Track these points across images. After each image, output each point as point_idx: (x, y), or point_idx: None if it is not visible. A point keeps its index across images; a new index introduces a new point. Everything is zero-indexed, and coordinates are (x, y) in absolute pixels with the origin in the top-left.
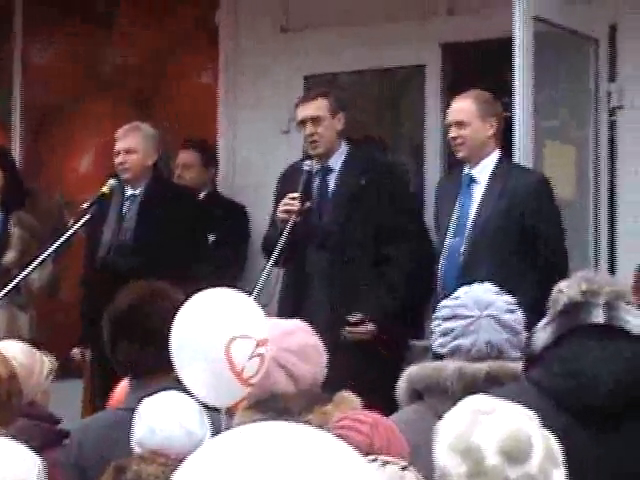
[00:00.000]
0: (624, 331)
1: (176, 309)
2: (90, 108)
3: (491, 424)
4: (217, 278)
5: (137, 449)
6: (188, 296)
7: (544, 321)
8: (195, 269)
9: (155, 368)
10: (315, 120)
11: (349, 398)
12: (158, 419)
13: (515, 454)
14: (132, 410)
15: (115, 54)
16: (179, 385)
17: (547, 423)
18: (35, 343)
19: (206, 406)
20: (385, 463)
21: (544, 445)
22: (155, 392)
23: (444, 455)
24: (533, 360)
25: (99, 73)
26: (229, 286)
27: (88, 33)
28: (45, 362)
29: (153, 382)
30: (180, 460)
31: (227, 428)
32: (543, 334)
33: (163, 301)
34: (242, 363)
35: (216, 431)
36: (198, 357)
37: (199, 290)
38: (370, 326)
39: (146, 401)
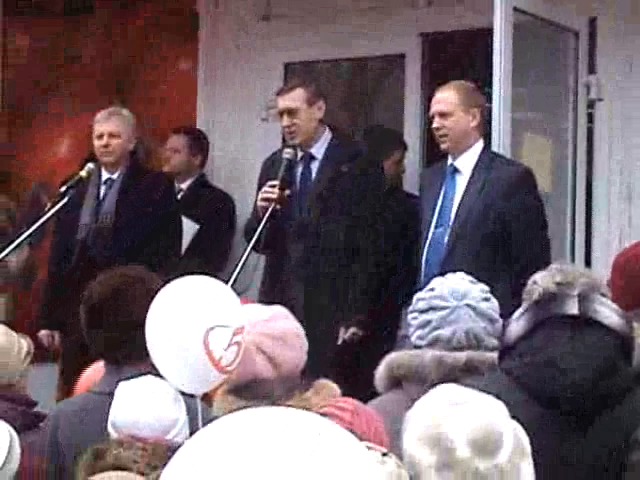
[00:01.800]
0: (597, 322)
1: (153, 296)
2: (67, 93)
3: (461, 415)
4: (200, 267)
5: (113, 433)
6: (166, 283)
7: (518, 312)
8: (174, 260)
9: (131, 354)
10: (292, 111)
11: (329, 385)
12: (131, 402)
13: (485, 446)
14: (106, 394)
15: (93, 40)
16: (155, 371)
17: (518, 413)
18: (12, 326)
19: (182, 391)
20: (367, 449)
21: (514, 437)
22: (130, 377)
23: (413, 445)
24: (507, 350)
25: (76, 59)
26: (213, 274)
27: (66, 20)
28: (23, 344)
29: (128, 367)
30: (157, 444)
31: (204, 413)
32: (517, 325)
33: (140, 288)
34: (220, 352)
35: (192, 416)
36: (175, 347)
37: (177, 277)
38: (353, 330)
39: (121, 385)
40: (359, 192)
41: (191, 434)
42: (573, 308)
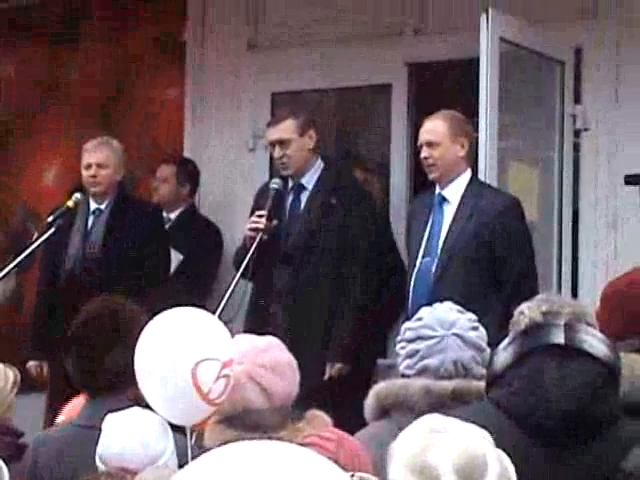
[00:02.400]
0: (583, 352)
1: (135, 326)
2: (53, 122)
3: (446, 443)
4: (185, 295)
5: (101, 466)
6: (154, 312)
7: (505, 342)
8: (161, 289)
9: (112, 385)
10: (283, 143)
11: (320, 415)
12: (115, 434)
13: (470, 473)
14: (87, 427)
15: (79, 70)
16: (135, 403)
17: (504, 442)
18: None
19: (170, 423)
20: (361, 479)
21: (498, 464)
22: (112, 409)
23: (399, 474)
24: (494, 380)
25: (62, 88)
26: (197, 304)
27: (51, 49)
28: (9, 375)
29: (109, 399)
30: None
31: (195, 445)
32: (504, 354)
33: (122, 318)
34: (209, 385)
35: (180, 448)
36: (163, 380)
37: (163, 306)
38: (338, 366)
39: (109, 417)
40: (348, 225)
41: (181, 466)
42: (560, 337)
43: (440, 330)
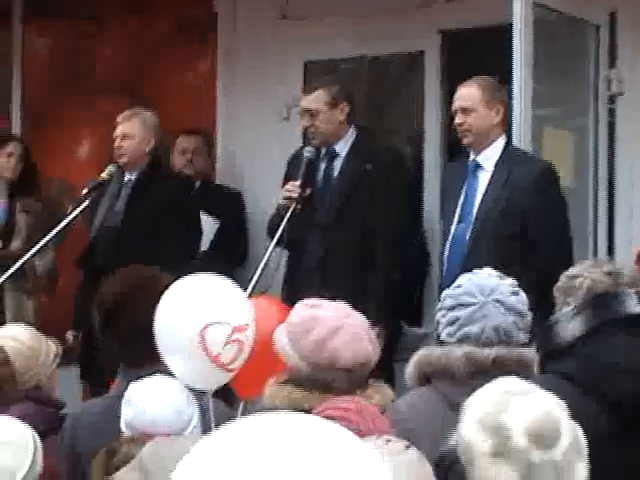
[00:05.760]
0: None
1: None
2: (88, 97)
3: (522, 406)
4: (221, 264)
5: (127, 431)
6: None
7: (569, 310)
8: (189, 261)
9: (144, 356)
10: (312, 112)
11: (383, 385)
12: (146, 401)
13: (542, 438)
14: (122, 397)
15: (112, 42)
16: (167, 371)
17: (578, 417)
18: (41, 328)
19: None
20: (388, 441)
21: (572, 435)
22: (143, 378)
23: (470, 430)
24: (560, 351)
25: (96, 61)
26: (233, 273)
27: (84, 23)
28: (51, 346)
29: (142, 369)
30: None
31: (216, 409)
32: (571, 325)
33: (152, 290)
34: (217, 349)
35: (203, 412)
36: (175, 344)
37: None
38: (378, 330)
39: (133, 385)
40: (382, 190)
41: (204, 431)
42: (636, 307)
43: (480, 297)
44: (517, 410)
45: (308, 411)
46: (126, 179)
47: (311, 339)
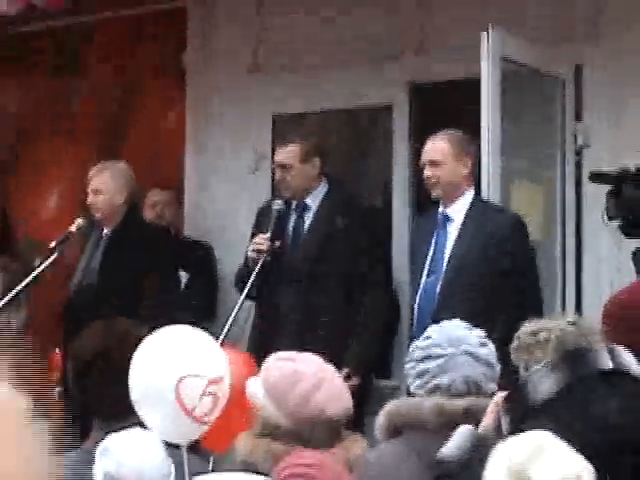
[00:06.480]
0: (627, 374)
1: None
2: (54, 149)
3: (551, 460)
4: (192, 320)
5: None
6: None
7: (540, 368)
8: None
9: (120, 409)
10: (284, 167)
11: (358, 436)
12: (129, 453)
13: None
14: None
15: (80, 96)
16: (141, 424)
17: None
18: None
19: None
20: None
21: None
22: (119, 430)
23: (497, 477)
24: (530, 412)
25: (64, 115)
26: (203, 325)
27: (53, 76)
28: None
29: (118, 422)
30: None
31: (195, 463)
32: (546, 383)
33: (127, 341)
34: (193, 402)
35: (176, 465)
36: (150, 396)
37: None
38: (355, 380)
39: (113, 436)
40: (355, 245)
41: None
42: (608, 362)
43: (449, 348)
44: (546, 465)
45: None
46: (104, 233)
47: (296, 393)
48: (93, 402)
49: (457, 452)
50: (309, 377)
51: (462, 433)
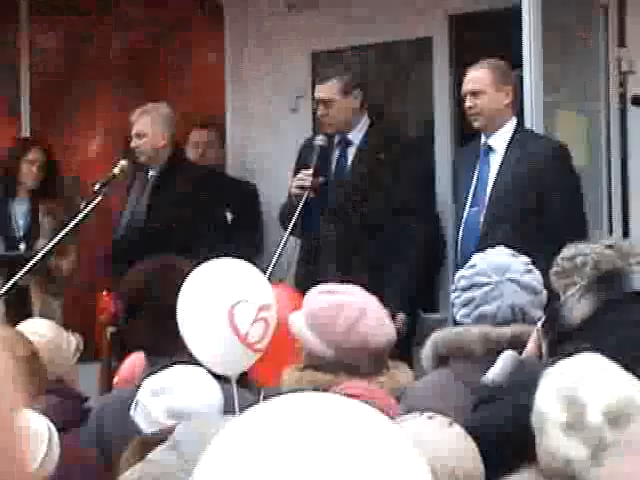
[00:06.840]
0: None
1: None
2: (96, 90)
3: (601, 383)
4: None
5: (166, 422)
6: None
7: (575, 291)
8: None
9: (169, 344)
10: (326, 102)
11: (404, 366)
12: (193, 389)
13: (617, 416)
14: None
15: (119, 36)
16: (192, 359)
17: None
18: (64, 326)
19: (216, 376)
20: (430, 417)
21: None
22: (168, 366)
23: (547, 401)
24: (569, 334)
25: (103, 55)
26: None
27: (92, 17)
28: (72, 340)
29: (169, 358)
30: None
31: (245, 396)
32: (580, 306)
33: (174, 276)
34: (246, 328)
35: (227, 400)
36: (202, 325)
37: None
38: (400, 317)
39: (166, 373)
40: (396, 179)
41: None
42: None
43: (494, 276)
44: (596, 386)
45: None
46: (149, 176)
47: (339, 324)
48: (144, 339)
49: (500, 377)
50: (351, 308)
51: (505, 358)
